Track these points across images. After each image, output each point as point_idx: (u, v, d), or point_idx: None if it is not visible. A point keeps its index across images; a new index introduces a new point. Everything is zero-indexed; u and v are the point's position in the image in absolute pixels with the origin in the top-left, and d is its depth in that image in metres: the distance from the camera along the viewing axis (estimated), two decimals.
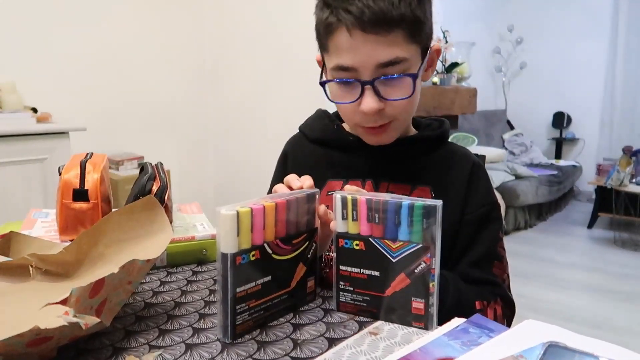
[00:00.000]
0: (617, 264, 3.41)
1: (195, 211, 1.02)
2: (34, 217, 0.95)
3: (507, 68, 5.66)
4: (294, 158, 0.96)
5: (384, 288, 0.63)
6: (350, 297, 0.66)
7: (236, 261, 0.58)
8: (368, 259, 0.64)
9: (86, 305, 0.51)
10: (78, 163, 0.83)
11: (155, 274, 0.82)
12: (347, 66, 0.72)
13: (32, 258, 0.66)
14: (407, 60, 0.72)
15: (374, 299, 0.64)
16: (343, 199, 0.64)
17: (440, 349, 0.53)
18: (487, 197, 0.85)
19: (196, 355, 0.56)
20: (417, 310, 0.62)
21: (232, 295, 0.58)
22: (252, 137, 2.96)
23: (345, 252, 0.65)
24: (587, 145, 5.35)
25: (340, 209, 0.65)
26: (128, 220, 0.68)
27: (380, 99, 0.73)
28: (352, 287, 0.66)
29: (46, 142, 1.99)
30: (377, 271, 0.64)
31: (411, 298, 0.62)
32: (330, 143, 0.90)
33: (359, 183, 0.85)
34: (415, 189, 0.83)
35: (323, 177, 0.87)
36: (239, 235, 0.58)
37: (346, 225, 0.65)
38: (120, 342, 0.59)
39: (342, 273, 0.66)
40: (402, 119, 0.79)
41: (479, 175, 0.86)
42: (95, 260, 0.67)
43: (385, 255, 0.63)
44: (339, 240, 0.65)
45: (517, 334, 0.52)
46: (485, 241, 0.82)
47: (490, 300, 0.76)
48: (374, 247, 0.63)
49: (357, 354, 0.56)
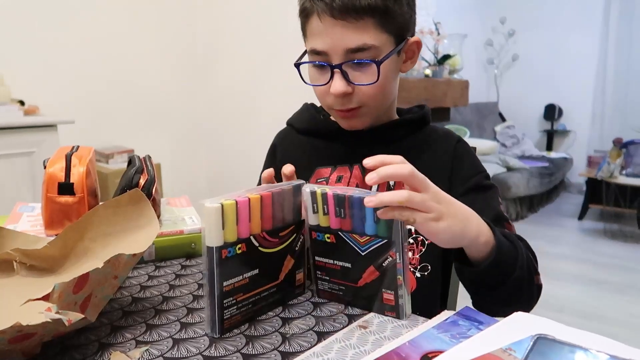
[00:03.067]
0: (607, 255, 3.44)
1: (185, 204, 1.01)
2: (19, 211, 0.93)
3: (499, 60, 5.66)
4: (283, 150, 0.97)
5: (356, 279, 0.64)
6: (327, 286, 0.68)
7: (222, 255, 0.57)
8: (339, 251, 0.65)
9: (70, 301, 0.50)
10: (63, 156, 0.82)
11: (144, 268, 0.81)
12: (319, 50, 0.76)
13: (16, 253, 0.65)
14: (376, 47, 0.74)
15: (349, 288, 0.66)
16: (312, 193, 0.65)
17: (430, 342, 0.52)
18: (474, 168, 0.86)
19: (183, 351, 0.55)
20: (388, 301, 0.63)
21: (219, 290, 0.58)
22: (243, 129, 2.94)
23: (318, 244, 0.67)
24: (578, 137, 5.37)
25: (310, 203, 0.65)
26: (114, 214, 0.67)
27: (349, 83, 0.76)
28: (327, 276, 0.67)
29: (34, 135, 1.97)
30: (348, 263, 0.65)
31: (382, 289, 0.63)
32: (317, 133, 0.92)
33: (347, 168, 0.87)
34: None
35: (311, 165, 0.89)
36: (224, 228, 0.57)
37: (317, 218, 0.65)
38: (106, 337, 0.58)
39: (318, 263, 0.67)
40: (371, 105, 0.80)
41: (463, 150, 0.87)
42: (80, 254, 0.66)
43: (355, 249, 0.63)
44: (312, 232, 0.66)
45: (506, 326, 0.52)
46: (490, 204, 0.81)
47: (536, 266, 0.74)
48: (343, 240, 0.64)
49: (346, 347, 0.55)
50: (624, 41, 5.05)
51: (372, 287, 0.63)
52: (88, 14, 2.56)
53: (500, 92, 5.73)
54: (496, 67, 5.69)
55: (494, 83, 5.74)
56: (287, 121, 0.99)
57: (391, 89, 0.83)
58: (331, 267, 0.66)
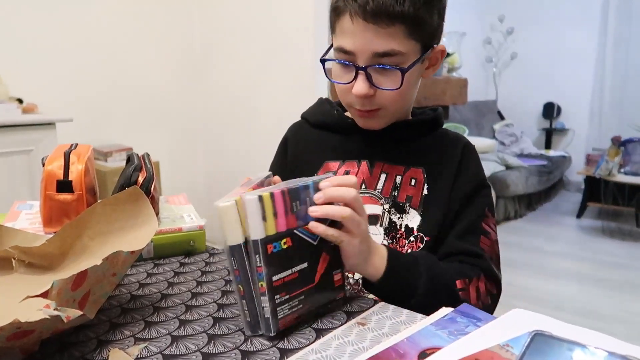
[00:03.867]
0: (605, 253, 3.44)
1: (183, 202, 1.01)
2: (17, 209, 0.93)
3: (497, 58, 5.66)
4: (294, 143, 0.98)
5: (313, 277, 0.62)
6: (288, 307, 0.58)
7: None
8: (296, 254, 0.60)
9: (68, 298, 0.50)
10: (62, 154, 0.82)
11: (142, 266, 0.81)
12: (347, 49, 0.76)
13: (14, 250, 0.65)
14: (402, 54, 0.75)
15: (307, 293, 0.61)
16: (260, 198, 0.56)
17: (428, 338, 0.52)
18: (476, 175, 0.87)
19: (182, 348, 0.55)
20: (338, 282, 0.65)
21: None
22: (241, 128, 2.94)
23: (276, 258, 0.57)
24: (577, 135, 5.38)
25: (259, 210, 0.56)
26: (113, 212, 0.67)
27: (371, 86, 0.77)
28: (287, 294, 0.59)
29: (32, 133, 1.96)
30: (304, 263, 0.61)
31: (332, 273, 0.64)
32: (330, 127, 0.93)
33: (355, 164, 0.88)
34: (409, 170, 0.86)
35: (321, 159, 0.91)
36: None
37: (265, 227, 0.57)
38: (105, 334, 0.58)
39: (276, 284, 0.57)
40: (390, 109, 0.82)
41: (470, 156, 0.89)
42: (79, 252, 0.66)
43: (308, 241, 0.62)
44: (267, 247, 0.56)
45: (504, 323, 0.52)
46: (471, 215, 0.83)
47: (473, 277, 0.76)
48: (298, 237, 0.60)
49: (345, 344, 0.56)
50: (623, 39, 5.05)
51: (325, 278, 0.63)
52: (86, 12, 2.56)
53: (498, 90, 5.74)
54: (495, 66, 5.70)
55: (493, 81, 5.75)
56: (302, 114, 1.00)
57: (411, 95, 0.85)
58: (290, 279, 0.59)
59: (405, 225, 0.84)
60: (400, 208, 0.84)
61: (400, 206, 0.84)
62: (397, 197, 0.85)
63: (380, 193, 0.86)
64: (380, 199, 0.85)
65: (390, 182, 0.86)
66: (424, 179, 0.85)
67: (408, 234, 0.83)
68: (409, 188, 0.85)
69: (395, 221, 0.84)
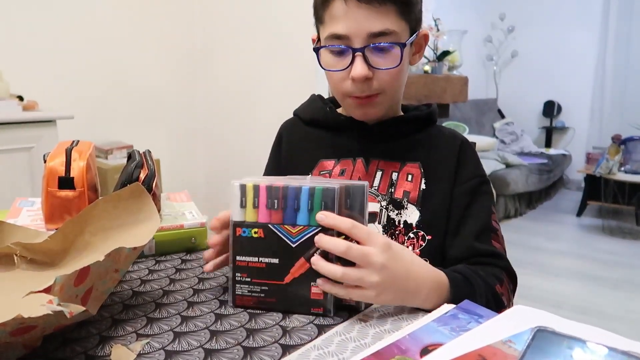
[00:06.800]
0: (606, 252, 3.45)
1: (184, 199, 1.01)
2: (19, 206, 0.93)
3: (498, 57, 5.66)
4: (288, 141, 0.98)
5: (283, 275, 0.62)
6: (247, 289, 0.63)
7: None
8: (267, 247, 0.62)
9: (71, 294, 0.50)
10: (63, 150, 0.82)
11: (144, 263, 0.81)
12: (340, 34, 0.76)
13: (16, 247, 0.65)
14: (397, 33, 0.77)
15: (272, 287, 0.62)
16: (242, 187, 0.62)
17: (430, 335, 0.53)
18: (476, 170, 0.87)
19: (184, 344, 0.55)
20: (316, 295, 0.61)
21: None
22: (243, 125, 2.94)
23: (243, 241, 0.63)
24: (577, 134, 5.38)
25: (238, 197, 0.63)
26: (114, 208, 0.67)
27: (370, 67, 0.77)
28: (249, 277, 0.63)
29: (33, 130, 1.96)
30: (276, 258, 0.62)
31: (310, 283, 0.61)
32: (323, 124, 0.92)
33: (350, 162, 0.88)
34: (405, 166, 0.86)
35: (315, 157, 0.90)
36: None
37: (244, 213, 0.63)
38: (107, 330, 0.58)
39: (239, 264, 0.63)
40: (388, 93, 0.82)
41: (468, 151, 0.89)
42: (81, 248, 0.66)
43: (285, 241, 0.61)
44: (236, 229, 0.63)
45: (506, 319, 0.52)
46: (480, 213, 0.83)
47: (503, 279, 0.76)
48: (273, 233, 0.62)
49: (347, 340, 0.56)
50: (623, 38, 5.04)
51: (300, 282, 0.61)
52: (87, 10, 2.55)
53: (499, 88, 5.73)
54: (495, 64, 5.69)
55: (493, 79, 5.74)
56: (294, 111, 0.99)
57: (404, 79, 0.85)
58: (254, 265, 0.62)
59: (404, 221, 0.84)
60: (397, 204, 0.84)
61: (397, 202, 0.84)
62: (393, 193, 0.85)
63: (377, 190, 0.86)
64: (377, 196, 0.85)
65: (387, 179, 0.86)
66: (421, 174, 0.85)
67: (407, 230, 0.83)
68: (405, 184, 0.85)
69: (393, 218, 0.84)
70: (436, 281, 0.65)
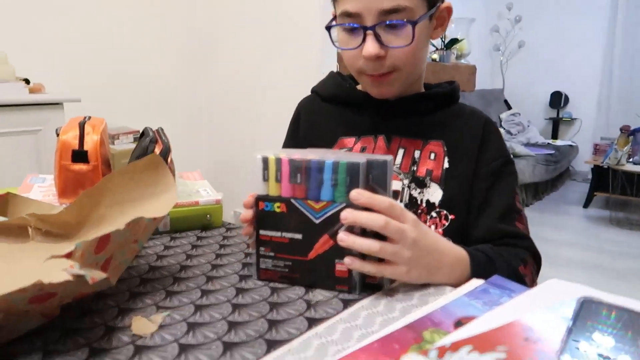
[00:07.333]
0: (613, 243, 3.42)
1: (198, 178, 0.99)
2: (30, 182, 0.92)
3: (505, 47, 5.61)
4: (307, 118, 0.95)
5: (306, 251, 0.60)
6: (271, 263, 0.62)
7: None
8: (290, 222, 0.60)
9: (91, 261, 0.48)
10: (76, 124, 0.80)
11: (159, 239, 0.79)
12: (352, 12, 0.74)
13: (31, 218, 0.63)
14: (410, 9, 0.74)
15: (296, 263, 0.61)
16: (264, 160, 0.61)
17: (462, 308, 0.51)
18: (500, 151, 0.85)
19: (206, 316, 0.53)
20: (340, 273, 0.59)
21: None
22: (248, 114, 2.91)
23: (265, 216, 0.61)
24: (584, 125, 5.34)
25: (261, 170, 0.61)
26: (130, 181, 0.65)
27: (382, 46, 0.75)
28: (272, 252, 0.62)
29: (40, 113, 1.94)
30: (299, 234, 0.60)
31: (335, 260, 0.59)
32: (343, 100, 0.90)
33: (371, 139, 0.85)
34: (427, 144, 0.84)
35: (335, 135, 0.87)
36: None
37: (267, 187, 0.61)
38: (125, 303, 0.57)
39: (263, 238, 0.62)
40: (403, 70, 0.79)
41: (492, 130, 0.86)
42: (96, 221, 0.64)
43: (308, 217, 0.59)
44: (259, 203, 0.61)
45: (542, 292, 0.50)
46: (504, 194, 0.81)
47: (526, 259, 0.75)
48: (295, 208, 0.60)
49: (374, 314, 0.54)
50: (632, 28, 4.99)
51: (324, 259, 0.59)
52: None
53: (505, 79, 5.69)
54: (502, 54, 5.64)
55: (500, 70, 5.70)
56: (312, 88, 0.97)
57: (422, 55, 0.81)
58: (278, 240, 0.61)
59: (426, 200, 0.82)
60: (420, 183, 0.82)
61: (420, 181, 0.82)
62: (416, 171, 0.83)
63: (399, 168, 0.83)
64: (400, 174, 0.83)
65: (409, 157, 0.84)
66: (444, 152, 0.83)
67: (429, 210, 0.81)
68: (428, 162, 0.83)
69: (415, 196, 0.82)
70: (458, 257, 0.64)
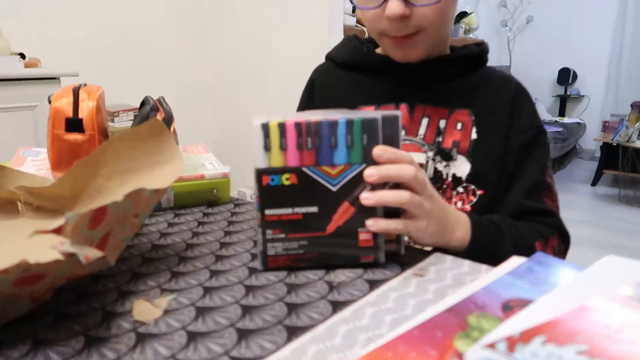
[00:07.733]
0: (622, 221, 3.37)
1: (202, 151, 0.93)
2: (23, 156, 0.85)
3: (512, 22, 5.48)
4: (321, 85, 0.88)
5: (324, 225, 0.53)
6: (281, 247, 0.54)
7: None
8: (302, 194, 0.52)
9: (85, 237, 0.42)
10: (70, 90, 0.73)
11: (162, 216, 0.73)
12: None
13: (20, 192, 0.57)
14: None
15: (313, 240, 0.53)
16: (264, 127, 0.51)
17: (507, 289, 0.45)
18: (532, 121, 0.78)
19: (217, 300, 0.48)
20: (364, 243, 0.54)
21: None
22: (253, 87, 2.83)
23: (272, 191, 0.52)
24: (592, 102, 5.24)
25: (261, 139, 0.51)
26: (131, 149, 0.58)
27: (407, 4, 0.67)
28: (283, 233, 0.53)
29: (36, 88, 1.87)
30: (314, 206, 0.53)
31: (357, 230, 0.53)
32: (360, 66, 0.82)
33: (392, 107, 0.78)
34: (454, 112, 0.77)
35: (353, 103, 0.80)
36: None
37: (268, 157, 0.52)
38: (126, 284, 0.51)
39: (269, 219, 0.53)
40: (430, 30, 0.71)
41: (523, 97, 0.79)
42: (94, 194, 0.58)
43: (324, 185, 0.52)
44: (262, 177, 0.52)
45: (601, 270, 0.44)
46: (534, 168, 0.75)
47: (549, 237, 0.69)
48: (308, 177, 0.52)
49: (405, 296, 0.48)
50: None
51: (345, 231, 0.53)
52: None
53: (512, 55, 5.57)
54: (509, 30, 5.51)
55: (507, 46, 5.57)
56: (327, 54, 0.89)
57: (451, 13, 0.74)
58: (289, 218, 0.53)
59: (452, 174, 0.75)
60: (446, 155, 0.76)
61: (446, 153, 0.76)
62: (441, 143, 0.76)
63: (422, 140, 0.77)
64: (423, 145, 0.77)
65: (434, 126, 0.77)
66: (471, 122, 0.76)
67: (456, 185, 0.75)
68: (455, 132, 0.76)
69: (441, 170, 0.76)
70: (457, 218, 0.62)
